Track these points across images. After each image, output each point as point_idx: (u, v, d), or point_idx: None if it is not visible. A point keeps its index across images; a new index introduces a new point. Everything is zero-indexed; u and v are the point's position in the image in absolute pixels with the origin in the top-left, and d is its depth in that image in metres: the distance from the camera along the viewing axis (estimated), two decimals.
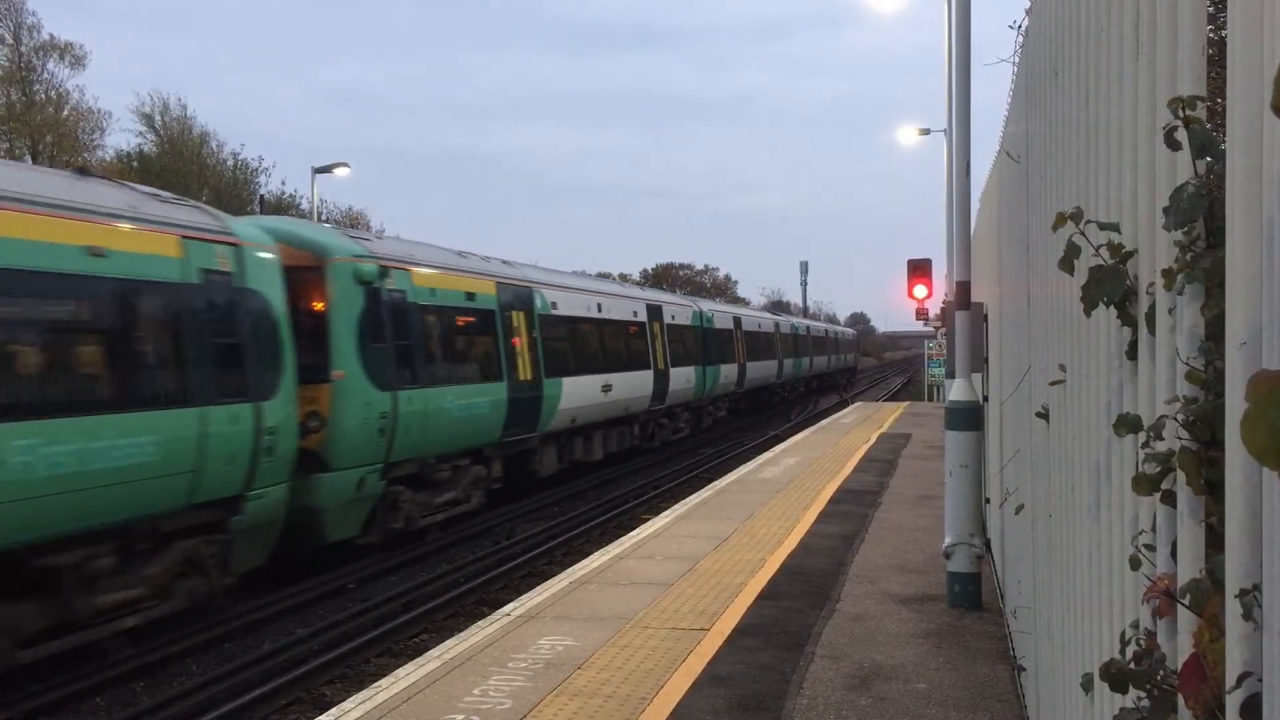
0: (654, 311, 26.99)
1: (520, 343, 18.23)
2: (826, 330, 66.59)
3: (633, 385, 24.04)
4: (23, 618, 8.75)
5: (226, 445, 10.67)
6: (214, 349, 10.76)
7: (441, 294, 15.76)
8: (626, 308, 25.02)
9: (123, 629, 9.81)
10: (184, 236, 10.57)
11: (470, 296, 16.75)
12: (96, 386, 9.51)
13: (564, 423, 20.04)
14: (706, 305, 34.34)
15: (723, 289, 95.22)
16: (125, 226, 9.85)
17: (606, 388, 22.07)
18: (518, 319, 18.29)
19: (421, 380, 14.64)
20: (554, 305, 20.12)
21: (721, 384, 32.99)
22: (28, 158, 37.60)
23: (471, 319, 16.89)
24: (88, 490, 8.97)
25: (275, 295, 11.80)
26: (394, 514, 14.38)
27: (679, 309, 29.98)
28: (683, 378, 28.42)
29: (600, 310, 22.94)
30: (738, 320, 36.57)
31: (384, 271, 14.02)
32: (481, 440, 16.64)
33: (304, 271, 12.90)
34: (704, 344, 31.05)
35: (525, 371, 18.17)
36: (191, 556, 10.61)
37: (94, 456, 9.03)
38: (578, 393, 20.39)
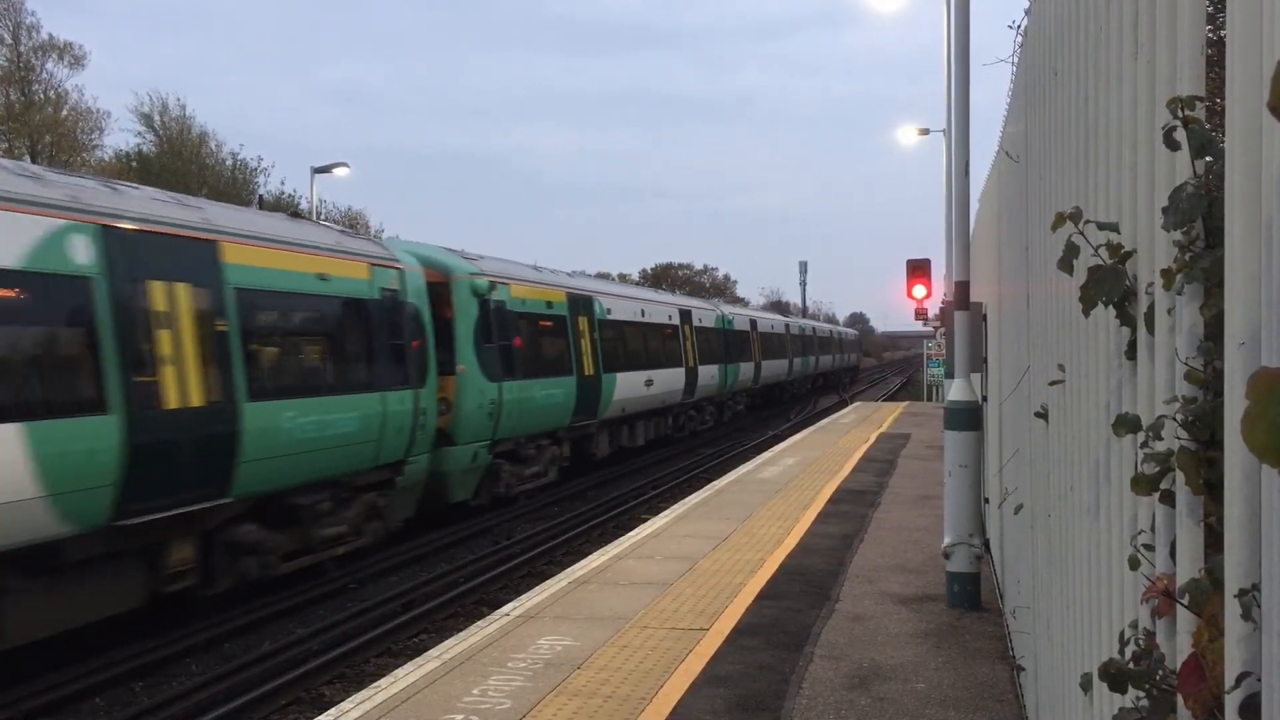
0: (685, 315, 30.23)
1: (584, 342, 21.77)
2: (831, 331, 69.98)
3: (669, 380, 27.47)
4: (281, 541, 12.15)
5: (398, 421, 14.13)
6: (389, 348, 14.16)
7: (530, 303, 19.31)
8: (663, 312, 28.48)
9: (337, 554, 13.31)
10: (370, 264, 14.11)
11: (549, 304, 20.33)
12: (324, 375, 13.07)
13: (616, 411, 23.52)
14: (727, 309, 37.23)
15: (722, 289, 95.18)
16: (336, 258, 13.41)
17: (649, 382, 25.67)
18: (582, 323, 21.86)
19: (518, 374, 18.08)
20: (609, 310, 23.73)
21: (741, 380, 35.95)
22: (26, 158, 37.59)
23: (550, 323, 20.41)
24: (320, 451, 12.48)
25: (423, 306, 15.23)
26: (497, 482, 17.77)
27: (705, 313, 32.86)
28: (709, 374, 31.45)
29: (643, 315, 26.50)
30: (754, 323, 39.60)
31: (491, 286, 17.47)
32: (556, 424, 20.13)
33: (435, 287, 16.06)
34: (725, 344, 33.82)
35: (588, 367, 21.70)
36: (372, 505, 13.99)
37: (325, 426, 12.55)
38: (627, 386, 23.92)
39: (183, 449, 10.28)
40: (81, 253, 9.41)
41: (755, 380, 38.67)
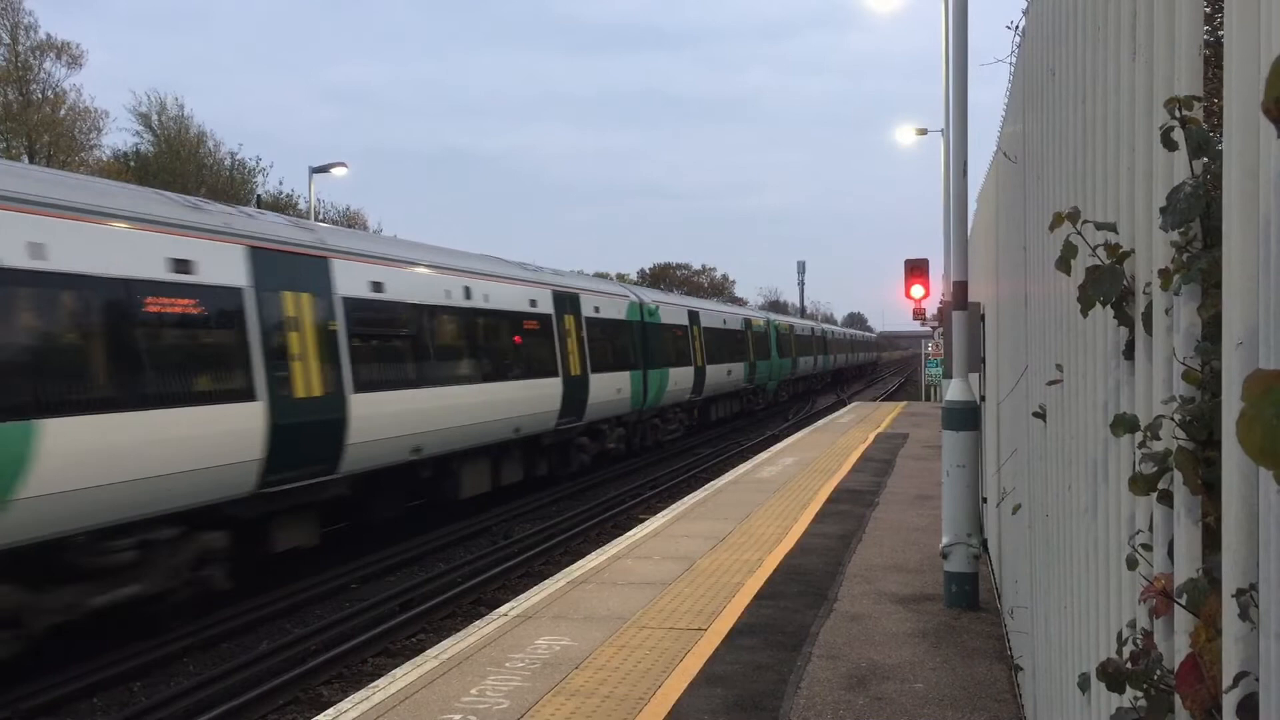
0: (812, 329, 58.60)
1: (792, 345, 47.70)
2: (865, 335, 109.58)
3: (809, 362, 54.62)
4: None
5: (759, 373, 40.42)
6: (763, 349, 41.25)
7: (784, 328, 47.11)
8: (809, 329, 58.13)
9: (753, 412, 40.78)
10: (765, 320, 44.06)
11: (785, 329, 47.42)
12: (739, 355, 37.09)
13: (799, 374, 51.95)
14: (825, 326, 74.60)
15: (720, 289, 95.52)
16: (759, 319, 43.22)
17: (805, 363, 52.69)
18: (792, 337, 48.57)
19: (784, 356, 45.91)
20: (807, 330, 55.08)
21: (826, 366, 63.79)
22: (24, 157, 37.55)
23: (787, 338, 47.39)
24: (724, 381, 34.78)
25: (770, 334, 43.23)
26: (778, 394, 46.65)
27: (817, 327, 64.87)
28: (820, 360, 59.00)
29: (797, 329, 52.74)
30: (830, 332, 71.64)
31: (778, 323, 46.86)
32: (787, 377, 47.71)
33: (753, 325, 40.50)
34: (824, 345, 62.46)
35: (793, 353, 47.80)
36: (745, 403, 39.99)
37: (773, 368, 43.76)
38: (802, 362, 51.67)
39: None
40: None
41: (831, 366, 66.38)
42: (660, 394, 26.23)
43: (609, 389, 22.41)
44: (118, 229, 9.98)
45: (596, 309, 22.70)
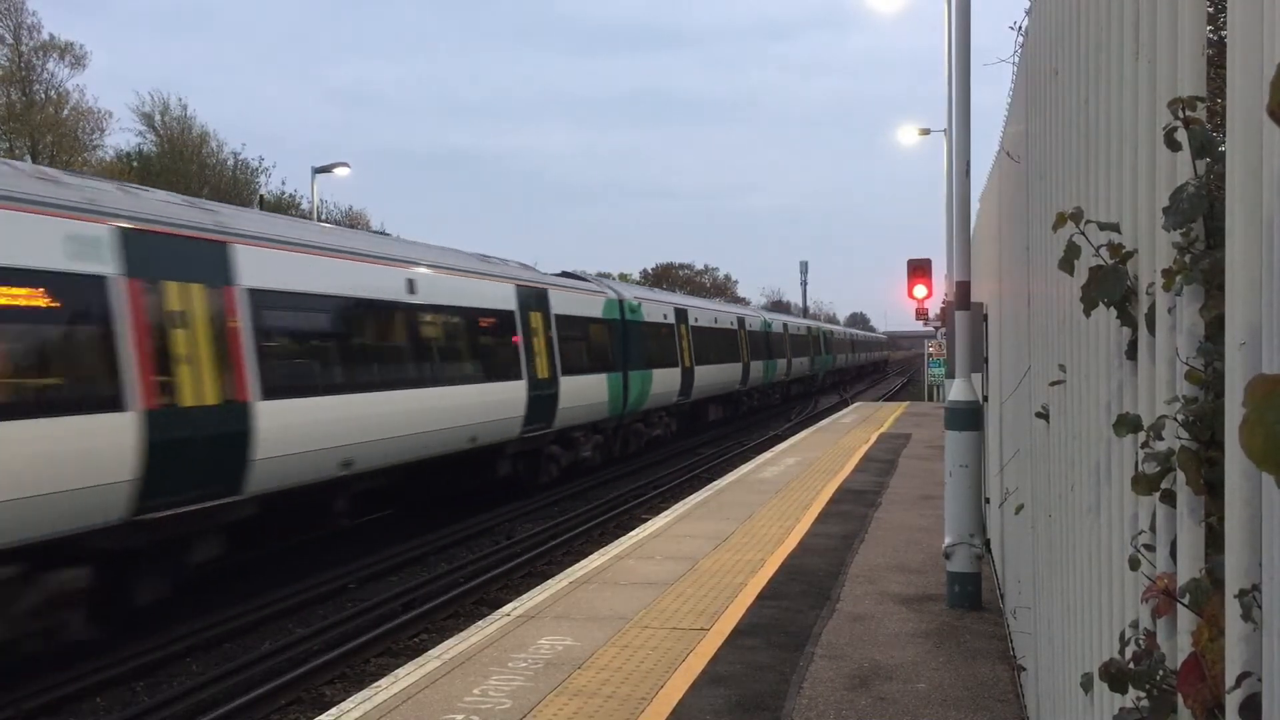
0: (843, 332, 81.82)
1: (827, 343, 63.98)
2: (878, 337, 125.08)
3: (845, 359, 73.59)
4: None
5: (816, 364, 59.03)
6: (818, 348, 59.42)
7: (839, 333, 79.45)
8: (843, 333, 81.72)
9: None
10: (818, 328, 65.76)
11: (828, 334, 68.10)
12: (806, 352, 55.15)
13: (835, 366, 70.06)
14: (853, 329, 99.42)
15: (723, 289, 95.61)
16: (814, 327, 62.91)
17: (843, 358, 74.02)
18: (814, 336, 59.37)
19: (830, 354, 65.40)
20: (832, 332, 71.90)
21: (853, 362, 79.87)
22: (27, 158, 37.57)
23: (836, 343, 70.37)
24: (799, 369, 52.92)
25: (821, 337, 63.36)
26: (826, 381, 64.82)
27: (852, 333, 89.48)
28: (852, 358, 78.86)
29: (835, 333, 73.68)
30: (855, 334, 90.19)
31: (823, 328, 68.74)
32: (804, 375, 55.45)
33: (812, 330, 61.31)
34: (853, 346, 79.72)
35: (826, 350, 63.89)
36: (807, 386, 58.72)
37: (801, 363, 54.17)
38: (839, 358, 70.72)
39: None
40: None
41: (856, 362, 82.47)
42: (773, 375, 43.97)
43: (758, 369, 39.98)
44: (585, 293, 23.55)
45: (750, 324, 40.19)
